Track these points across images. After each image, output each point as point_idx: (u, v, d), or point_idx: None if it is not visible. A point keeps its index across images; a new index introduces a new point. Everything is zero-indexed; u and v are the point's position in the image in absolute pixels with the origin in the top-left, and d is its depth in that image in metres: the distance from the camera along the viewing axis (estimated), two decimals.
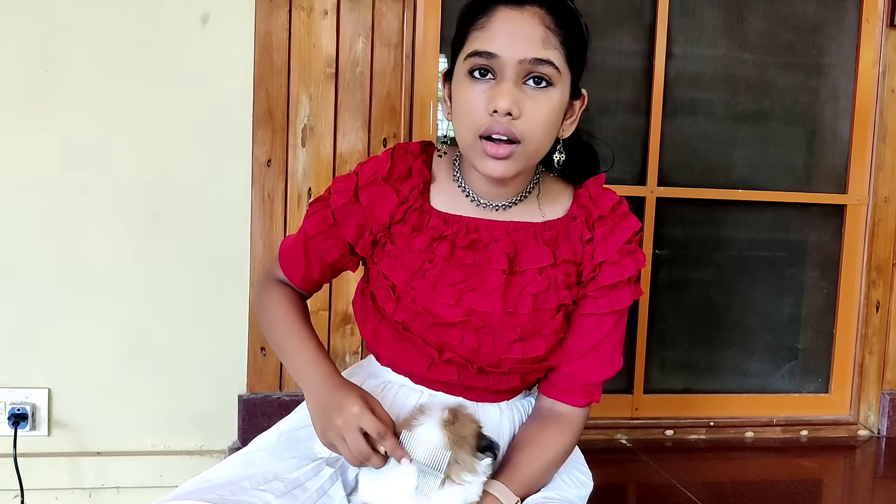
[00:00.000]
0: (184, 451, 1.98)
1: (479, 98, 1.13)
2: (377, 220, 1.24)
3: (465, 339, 1.20)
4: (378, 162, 1.26)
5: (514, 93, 1.11)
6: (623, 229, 1.23)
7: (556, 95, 1.14)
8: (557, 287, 1.22)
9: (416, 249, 1.22)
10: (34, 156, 1.87)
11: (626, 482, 1.90)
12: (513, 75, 1.11)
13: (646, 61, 2.14)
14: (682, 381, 2.24)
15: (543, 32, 1.11)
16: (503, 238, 1.22)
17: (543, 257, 1.21)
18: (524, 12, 1.11)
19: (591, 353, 1.24)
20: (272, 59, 1.88)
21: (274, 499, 1.12)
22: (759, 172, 2.23)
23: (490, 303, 1.19)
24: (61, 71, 1.86)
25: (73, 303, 1.91)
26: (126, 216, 1.91)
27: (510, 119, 1.11)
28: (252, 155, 1.90)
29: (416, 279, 1.21)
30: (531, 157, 1.17)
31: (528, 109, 1.12)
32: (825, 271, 2.29)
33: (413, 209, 1.24)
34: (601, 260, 1.22)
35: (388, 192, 1.23)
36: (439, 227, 1.23)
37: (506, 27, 1.11)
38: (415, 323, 1.21)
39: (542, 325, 1.21)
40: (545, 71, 1.12)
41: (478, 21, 1.13)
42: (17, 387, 1.91)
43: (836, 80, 2.25)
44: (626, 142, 2.16)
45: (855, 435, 2.25)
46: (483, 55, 1.12)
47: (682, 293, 2.23)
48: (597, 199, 1.24)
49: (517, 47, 1.10)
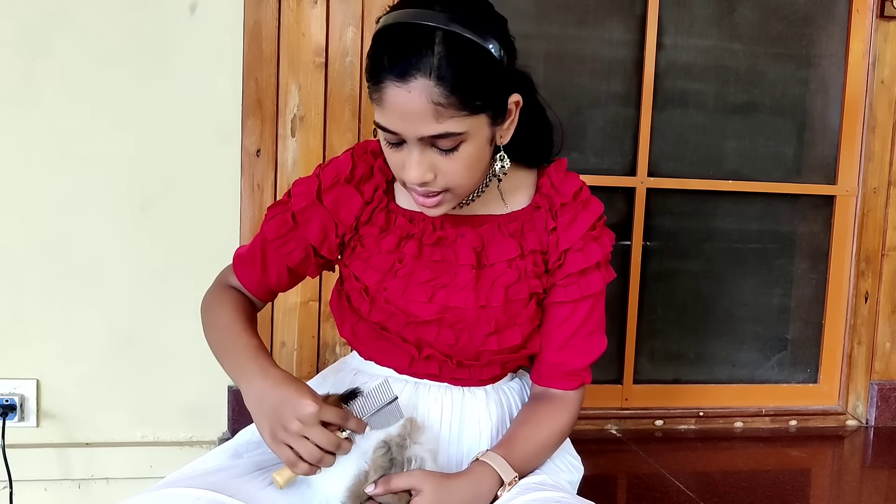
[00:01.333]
0: (173, 442, 1.98)
1: (396, 159, 1.12)
2: (343, 222, 1.24)
3: (442, 336, 1.21)
4: (339, 163, 1.26)
5: (423, 162, 1.08)
6: (586, 215, 1.24)
7: (468, 148, 1.09)
8: (527, 277, 1.22)
9: (385, 250, 1.22)
10: (20, 145, 1.85)
11: (616, 472, 1.91)
12: (418, 147, 1.08)
13: (636, 52, 2.14)
14: (671, 371, 2.25)
15: (433, 109, 1.02)
16: (469, 233, 1.22)
17: (510, 249, 1.22)
18: (411, 90, 1.02)
19: (571, 341, 1.25)
20: (261, 49, 1.87)
21: (264, 487, 1.12)
22: (749, 163, 2.23)
23: (462, 298, 1.20)
24: (48, 60, 1.84)
25: (62, 293, 1.90)
26: (114, 206, 1.90)
27: (427, 184, 1.10)
28: (241, 145, 1.89)
29: (388, 280, 1.21)
30: (464, 194, 1.17)
31: (443, 169, 1.10)
32: (814, 262, 2.29)
33: (379, 209, 1.24)
34: (566, 247, 1.22)
35: (351, 194, 1.23)
36: (406, 225, 1.23)
37: (397, 105, 1.04)
38: (391, 322, 1.22)
39: (515, 314, 1.22)
40: (446, 142, 1.07)
41: (373, 92, 1.07)
42: (6, 378, 1.90)
43: (826, 70, 2.25)
44: (616, 132, 2.16)
45: (843, 425, 2.26)
46: (386, 130, 1.08)
47: (672, 284, 2.23)
48: (559, 186, 1.24)
49: (411, 126, 1.05)
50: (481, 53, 1.05)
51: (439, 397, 1.26)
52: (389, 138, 1.09)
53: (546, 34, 2.11)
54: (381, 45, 1.05)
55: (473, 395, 1.27)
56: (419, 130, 1.05)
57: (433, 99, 1.02)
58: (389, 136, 1.09)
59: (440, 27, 1.02)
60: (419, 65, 1.01)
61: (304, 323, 1.95)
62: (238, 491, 1.09)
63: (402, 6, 1.07)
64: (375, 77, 1.05)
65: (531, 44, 2.10)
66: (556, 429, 1.26)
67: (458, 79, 1.02)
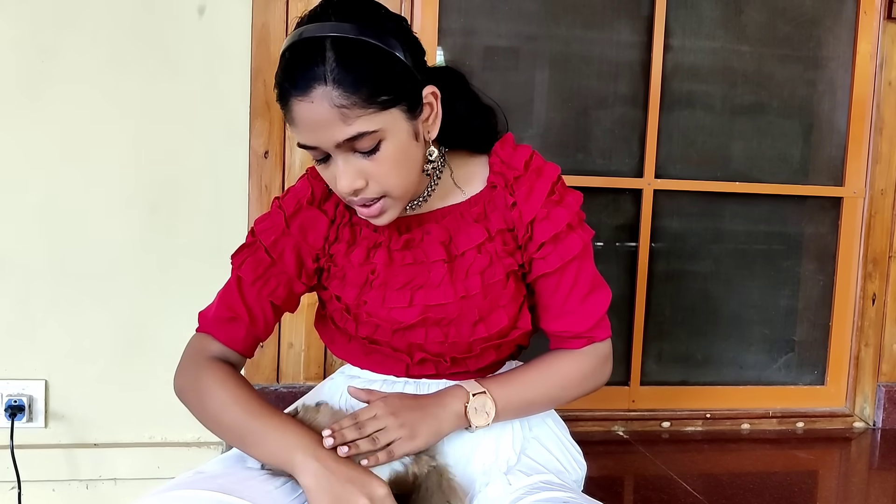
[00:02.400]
0: (181, 443, 1.98)
1: (327, 175, 1.13)
2: (313, 246, 1.24)
3: (430, 336, 1.21)
4: (297, 190, 1.27)
5: (349, 169, 1.09)
6: (542, 182, 1.21)
7: (390, 146, 1.09)
8: (500, 257, 1.21)
9: (356, 264, 1.22)
10: (30, 146, 1.86)
11: (622, 474, 1.91)
12: (340, 155, 1.08)
13: (643, 53, 2.14)
14: (678, 373, 2.25)
15: (338, 113, 1.04)
16: (434, 228, 1.22)
17: (477, 235, 1.21)
18: (314, 100, 1.03)
19: (566, 308, 1.24)
20: (269, 51, 1.88)
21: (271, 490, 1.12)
22: (756, 165, 2.23)
23: (441, 294, 1.20)
24: (57, 61, 1.85)
25: (70, 294, 1.91)
26: (122, 207, 1.91)
27: (360, 191, 1.11)
28: (249, 146, 1.90)
29: (365, 293, 1.21)
30: (405, 195, 1.15)
31: (372, 173, 1.10)
32: (822, 264, 2.29)
33: (343, 225, 1.25)
34: (530, 218, 1.20)
35: (316, 215, 1.24)
36: (371, 235, 1.23)
37: (306, 122, 1.06)
38: (378, 334, 1.23)
39: (497, 297, 1.21)
40: (363, 143, 1.07)
41: (286, 114, 1.08)
42: (14, 378, 1.91)
43: (834, 72, 2.25)
44: (624, 134, 2.16)
45: (850, 427, 2.26)
46: (306, 147, 1.10)
47: (679, 285, 2.23)
48: (509, 160, 1.23)
49: (323, 136, 1.06)
50: (376, 51, 1.06)
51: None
52: (314, 154, 1.11)
53: (553, 35, 2.11)
54: (282, 68, 1.08)
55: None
56: (333, 137, 1.06)
57: (335, 103, 1.03)
58: (313, 153, 1.10)
59: (328, 35, 1.05)
60: (315, 75, 1.03)
61: (311, 324, 1.93)
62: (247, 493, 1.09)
63: (297, 27, 1.10)
64: (283, 99, 1.07)
65: (538, 45, 2.10)
66: (566, 370, 1.26)
67: (354, 79, 1.04)
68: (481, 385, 1.20)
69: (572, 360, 1.27)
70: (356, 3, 1.10)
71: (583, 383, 1.28)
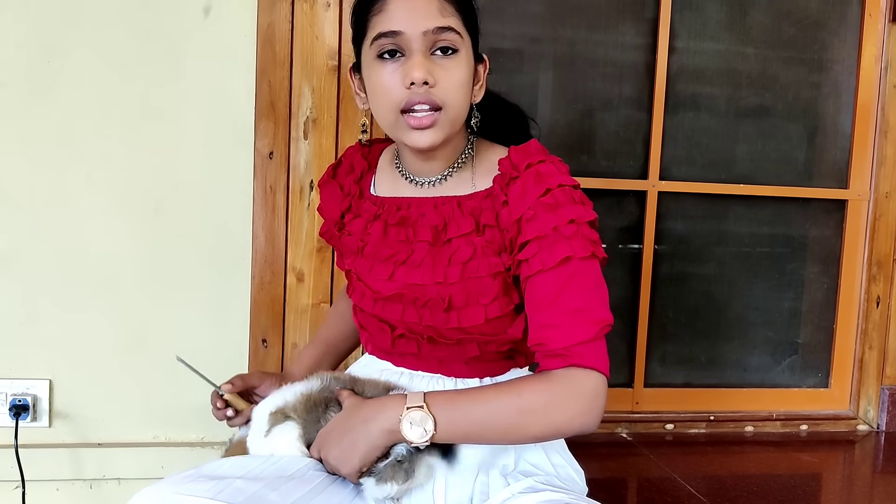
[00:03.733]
0: (185, 443, 1.98)
1: (394, 76, 1.17)
2: (332, 216, 1.38)
3: (406, 313, 1.25)
4: (331, 165, 1.42)
5: (425, 63, 1.16)
6: (537, 185, 1.18)
7: (463, 59, 1.19)
8: (485, 254, 1.21)
9: (355, 232, 1.32)
10: (35, 146, 1.86)
11: (626, 476, 1.91)
12: (420, 48, 1.16)
13: (648, 55, 2.14)
14: (682, 375, 2.25)
15: (438, 3, 1.16)
16: (430, 213, 1.26)
17: (466, 225, 1.23)
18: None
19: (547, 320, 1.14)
20: (275, 51, 1.88)
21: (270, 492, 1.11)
22: (761, 167, 2.23)
23: (419, 274, 1.23)
24: (63, 61, 1.85)
25: (75, 294, 1.91)
26: (127, 207, 1.91)
27: (427, 88, 1.16)
28: (254, 147, 1.90)
29: (357, 260, 1.30)
30: (454, 122, 1.21)
31: (442, 77, 1.17)
32: (826, 266, 2.29)
33: (354, 198, 1.36)
34: (517, 217, 1.18)
35: (334, 189, 1.38)
36: (372, 209, 1.32)
37: (403, 4, 1.16)
38: (363, 302, 1.29)
39: (477, 293, 1.21)
40: (449, 37, 1.17)
41: (374, 6, 1.18)
42: (19, 378, 1.91)
43: (839, 75, 2.25)
44: (628, 136, 2.16)
45: (854, 430, 2.25)
46: (388, 35, 1.16)
47: (683, 287, 2.23)
48: (516, 162, 1.23)
49: (418, 21, 1.15)
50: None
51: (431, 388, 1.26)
52: (388, 44, 1.17)
53: (558, 37, 2.11)
54: None
55: (466, 385, 1.27)
56: (426, 23, 1.15)
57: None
58: (389, 42, 1.17)
59: None
60: None
61: (315, 324, 1.95)
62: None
63: None
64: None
65: (543, 47, 2.11)
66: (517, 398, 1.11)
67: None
68: (423, 398, 1.11)
69: (537, 382, 1.12)
70: None
71: (548, 412, 1.11)
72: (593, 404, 1.11)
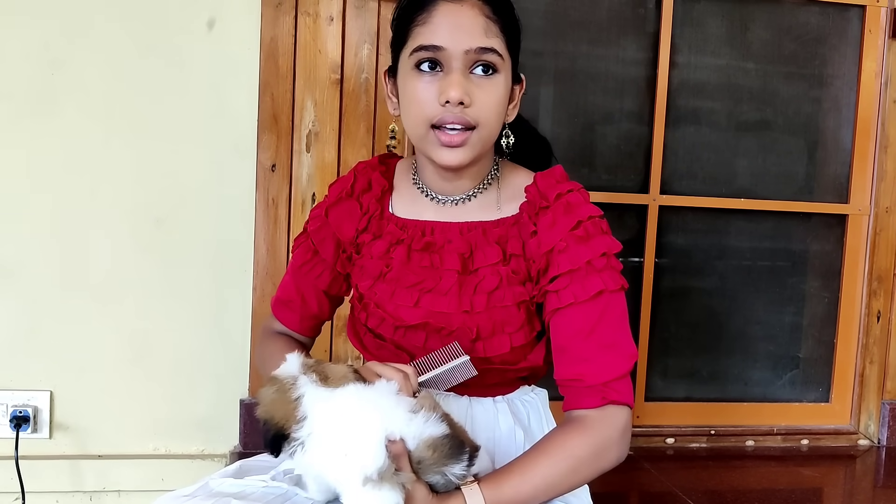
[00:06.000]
0: (185, 455, 1.98)
1: (429, 89, 1.15)
2: (345, 235, 1.30)
3: (429, 342, 1.21)
4: (344, 181, 1.33)
5: (463, 82, 1.14)
6: (568, 217, 1.19)
7: (501, 81, 1.17)
8: (511, 284, 1.20)
9: (375, 255, 1.26)
10: (39, 158, 1.87)
11: (627, 490, 1.90)
12: (460, 66, 1.14)
13: (649, 70, 2.15)
14: (683, 389, 2.25)
15: (484, 22, 1.14)
16: (456, 239, 1.23)
17: (493, 254, 1.21)
18: (463, 4, 1.14)
19: (583, 354, 1.16)
20: (278, 65, 1.89)
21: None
22: (762, 182, 2.23)
23: (446, 303, 1.20)
24: (67, 74, 1.86)
25: (76, 306, 1.92)
26: (130, 220, 1.92)
27: (462, 108, 1.14)
28: (256, 160, 1.90)
29: (378, 284, 1.24)
30: (485, 142, 1.20)
31: (478, 97, 1.15)
32: (826, 281, 2.29)
33: (373, 217, 1.29)
34: (547, 249, 1.18)
35: (353, 207, 1.30)
36: (396, 232, 1.26)
37: (448, 20, 1.14)
38: (382, 328, 1.24)
39: (502, 323, 1.20)
40: (490, 58, 1.15)
41: (419, 17, 1.16)
42: (20, 389, 1.91)
43: (839, 90, 2.25)
44: (629, 150, 2.17)
45: (855, 444, 2.25)
46: (429, 48, 1.14)
47: (684, 301, 2.23)
48: (545, 191, 1.22)
49: (461, 38, 1.13)
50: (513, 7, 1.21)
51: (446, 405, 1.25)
52: (427, 57, 1.15)
53: (560, 52, 2.12)
54: None
55: (481, 404, 1.27)
56: (469, 42, 1.13)
57: (484, 13, 1.14)
58: (429, 55, 1.15)
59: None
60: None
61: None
62: None
63: None
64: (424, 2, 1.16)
65: (545, 61, 2.12)
66: (566, 457, 1.12)
67: (500, 8, 1.17)
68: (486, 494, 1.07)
69: (580, 435, 1.13)
70: None
71: (598, 461, 1.14)
72: (627, 437, 1.17)
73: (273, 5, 1.87)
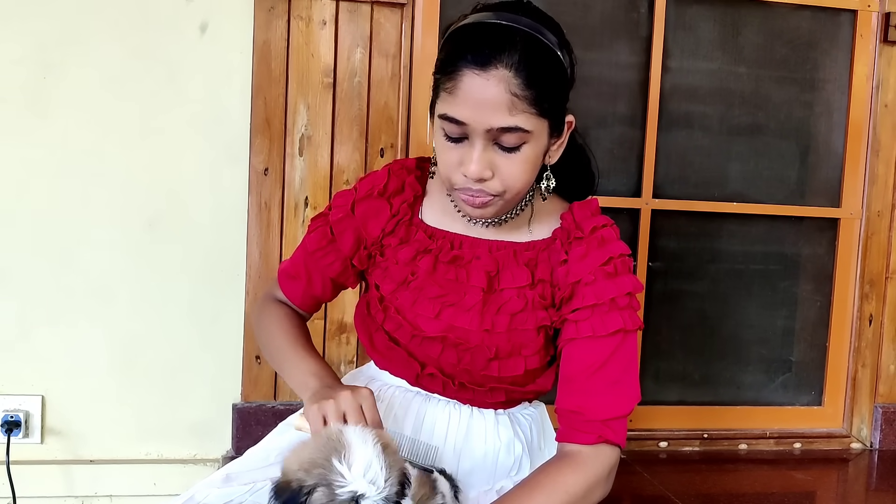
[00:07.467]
0: (178, 460, 1.98)
1: (452, 156, 1.13)
2: (370, 234, 1.27)
3: (445, 355, 1.22)
4: (376, 177, 1.29)
5: (484, 157, 1.11)
6: (601, 251, 1.20)
7: (529, 150, 1.13)
8: (535, 308, 1.21)
9: (401, 261, 1.25)
10: (31, 162, 1.87)
11: (620, 494, 1.89)
12: (482, 140, 1.10)
13: (642, 74, 2.15)
14: (676, 392, 2.25)
15: (509, 99, 1.07)
16: (485, 256, 1.23)
17: (522, 277, 1.21)
18: (490, 78, 1.07)
19: (588, 387, 1.17)
20: (270, 68, 1.89)
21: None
22: (754, 185, 2.24)
23: (468, 319, 1.20)
24: (59, 77, 1.86)
25: (68, 309, 1.91)
26: (122, 223, 1.91)
27: (483, 182, 1.12)
28: (249, 163, 1.90)
29: (401, 290, 1.24)
30: (510, 202, 1.18)
31: (502, 168, 1.13)
32: (819, 284, 2.30)
33: (402, 222, 1.27)
34: (575, 280, 1.19)
35: (382, 206, 1.27)
36: (424, 240, 1.25)
37: (472, 95, 1.08)
38: (399, 334, 1.24)
39: (520, 345, 1.21)
40: (513, 138, 1.10)
41: (447, 81, 1.11)
42: (11, 394, 1.90)
43: (830, 94, 2.26)
44: (622, 154, 2.17)
45: (848, 448, 2.25)
46: (452, 121, 1.11)
47: (677, 305, 2.23)
48: (580, 221, 1.23)
49: (483, 116, 1.08)
50: (556, 62, 1.13)
51: (447, 411, 1.26)
52: (453, 131, 1.12)
53: None
54: (463, 38, 1.11)
55: (482, 414, 1.28)
56: (491, 120, 1.08)
57: (511, 89, 1.07)
58: (454, 129, 1.11)
59: (524, 28, 1.09)
60: (501, 56, 1.07)
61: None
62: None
63: (486, 10, 1.13)
64: (453, 66, 1.09)
65: None
66: (563, 490, 1.12)
67: (535, 76, 1.08)
68: None
69: (574, 471, 1.15)
70: (546, 13, 1.17)
71: (588, 498, 1.16)
72: (612, 477, 1.20)
73: (266, 9, 1.87)
